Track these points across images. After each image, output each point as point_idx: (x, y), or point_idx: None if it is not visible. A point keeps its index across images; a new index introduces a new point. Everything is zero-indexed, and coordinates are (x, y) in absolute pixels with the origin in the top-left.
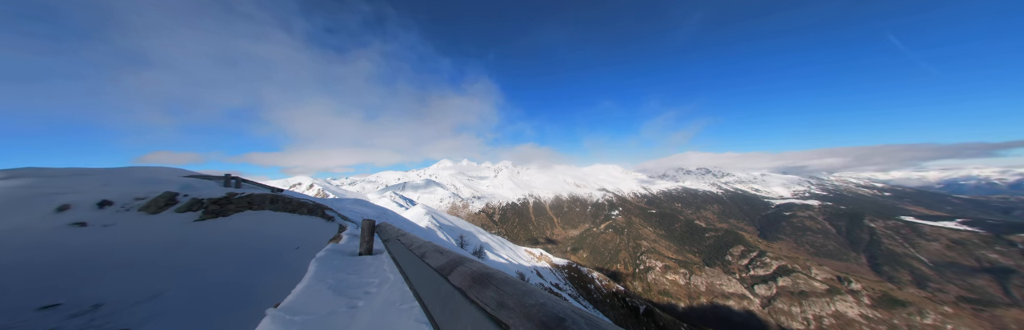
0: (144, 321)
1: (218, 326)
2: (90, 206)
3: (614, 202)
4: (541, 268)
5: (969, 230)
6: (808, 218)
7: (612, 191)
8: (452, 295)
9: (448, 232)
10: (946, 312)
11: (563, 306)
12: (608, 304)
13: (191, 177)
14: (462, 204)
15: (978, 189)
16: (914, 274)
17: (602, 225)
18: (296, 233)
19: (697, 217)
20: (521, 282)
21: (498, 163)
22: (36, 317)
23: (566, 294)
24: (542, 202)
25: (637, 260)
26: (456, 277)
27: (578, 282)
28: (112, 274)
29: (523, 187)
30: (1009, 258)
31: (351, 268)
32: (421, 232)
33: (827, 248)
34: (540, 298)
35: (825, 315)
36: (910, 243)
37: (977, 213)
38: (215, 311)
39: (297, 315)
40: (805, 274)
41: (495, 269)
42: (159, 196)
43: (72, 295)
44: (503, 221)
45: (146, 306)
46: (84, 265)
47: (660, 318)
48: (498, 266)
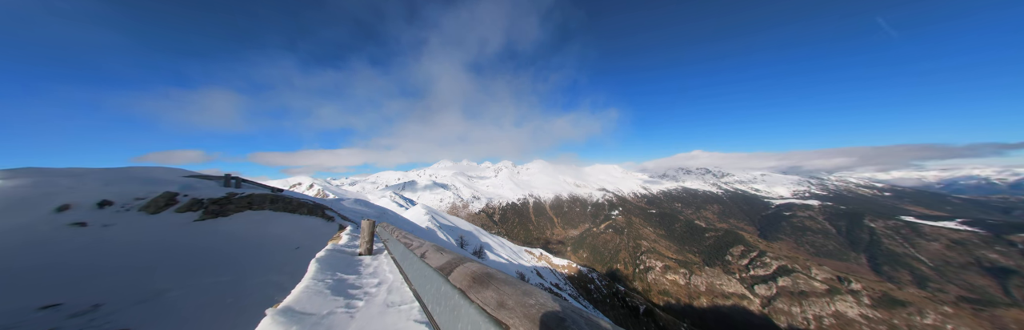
0: (144, 321)
1: (218, 326)
2: (90, 206)
3: (614, 202)
4: (541, 268)
5: (969, 230)
6: (808, 218)
7: (612, 191)
8: (452, 295)
9: (448, 232)
10: (946, 312)
11: (563, 306)
12: (608, 304)
13: (191, 177)
14: (462, 204)
15: (978, 189)
16: (914, 274)
17: (602, 225)
18: (296, 233)
19: (697, 217)
20: (521, 282)
21: (498, 163)
22: (36, 317)
23: (566, 294)
24: (542, 202)
25: (637, 260)
26: (456, 277)
27: (578, 282)
28: (112, 274)
29: (523, 187)
30: (1009, 258)
31: (351, 268)
32: (421, 232)
33: (827, 248)
34: (540, 298)
35: (825, 315)
36: (910, 243)
37: (977, 213)
38: (215, 311)
39: (297, 315)
40: (805, 274)
41: (495, 269)
42: (159, 196)
43: (72, 295)
44: (503, 221)
45: (146, 306)
46: (84, 265)
47: (660, 318)
48: (498, 266)
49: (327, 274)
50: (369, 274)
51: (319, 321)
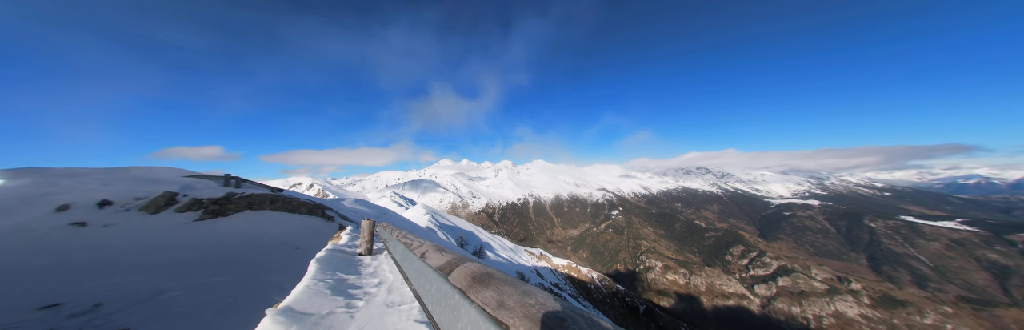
0: (144, 321)
1: (218, 326)
2: (90, 206)
3: (614, 202)
4: (541, 268)
5: (969, 230)
6: (808, 218)
7: (612, 191)
8: (452, 295)
9: (448, 232)
10: (946, 312)
11: (563, 306)
12: (608, 304)
13: (191, 177)
14: (462, 204)
15: (978, 189)
16: (914, 274)
17: (602, 225)
18: (296, 233)
19: (697, 217)
20: (521, 282)
21: (498, 163)
22: (36, 317)
23: (566, 294)
24: (542, 202)
25: (637, 260)
26: (456, 277)
27: (578, 282)
28: (112, 274)
29: (523, 187)
30: (1009, 258)
31: (351, 268)
32: (421, 232)
33: (827, 248)
34: (540, 298)
35: (825, 315)
36: (910, 243)
37: (977, 213)
38: (215, 311)
39: (297, 315)
40: (805, 274)
41: (495, 269)
42: (159, 196)
43: (72, 295)
44: (503, 221)
45: (146, 306)
46: (84, 265)
47: (660, 318)
48: (498, 266)
49: (327, 274)
50: (369, 274)
51: (319, 321)
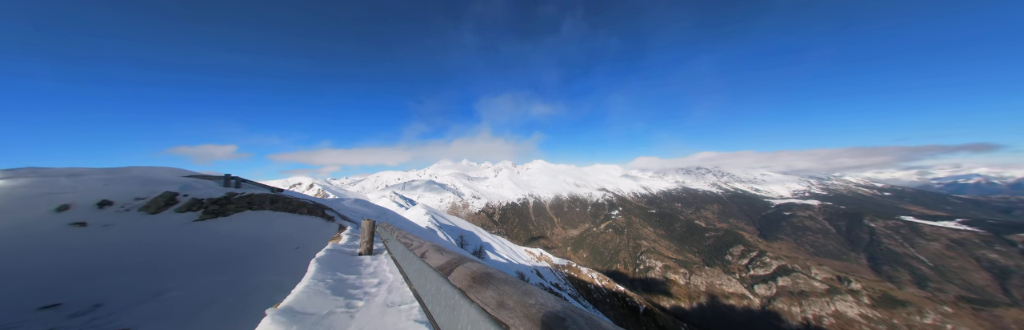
0: (144, 321)
1: (218, 326)
2: (90, 206)
3: (614, 202)
4: (541, 268)
5: (969, 230)
6: (808, 218)
7: (612, 191)
8: (452, 295)
9: (448, 232)
10: (946, 312)
11: (563, 306)
12: (608, 304)
13: (191, 177)
14: (462, 204)
15: (978, 189)
16: (914, 274)
17: (602, 225)
18: (296, 233)
19: (697, 217)
20: (521, 282)
21: (498, 163)
22: (36, 317)
23: (566, 294)
24: (542, 202)
25: (637, 260)
26: (456, 277)
27: (578, 282)
28: (112, 274)
29: (523, 187)
30: (1009, 258)
31: (351, 268)
32: (421, 232)
33: (827, 248)
34: (540, 298)
35: (825, 315)
36: (910, 243)
37: (977, 213)
38: (215, 311)
39: (297, 315)
40: (805, 274)
41: (495, 269)
42: (159, 196)
43: (72, 295)
44: (503, 221)
45: (146, 306)
46: (84, 265)
47: (660, 318)
48: (498, 266)
49: (327, 274)
50: (369, 274)
51: (319, 321)
